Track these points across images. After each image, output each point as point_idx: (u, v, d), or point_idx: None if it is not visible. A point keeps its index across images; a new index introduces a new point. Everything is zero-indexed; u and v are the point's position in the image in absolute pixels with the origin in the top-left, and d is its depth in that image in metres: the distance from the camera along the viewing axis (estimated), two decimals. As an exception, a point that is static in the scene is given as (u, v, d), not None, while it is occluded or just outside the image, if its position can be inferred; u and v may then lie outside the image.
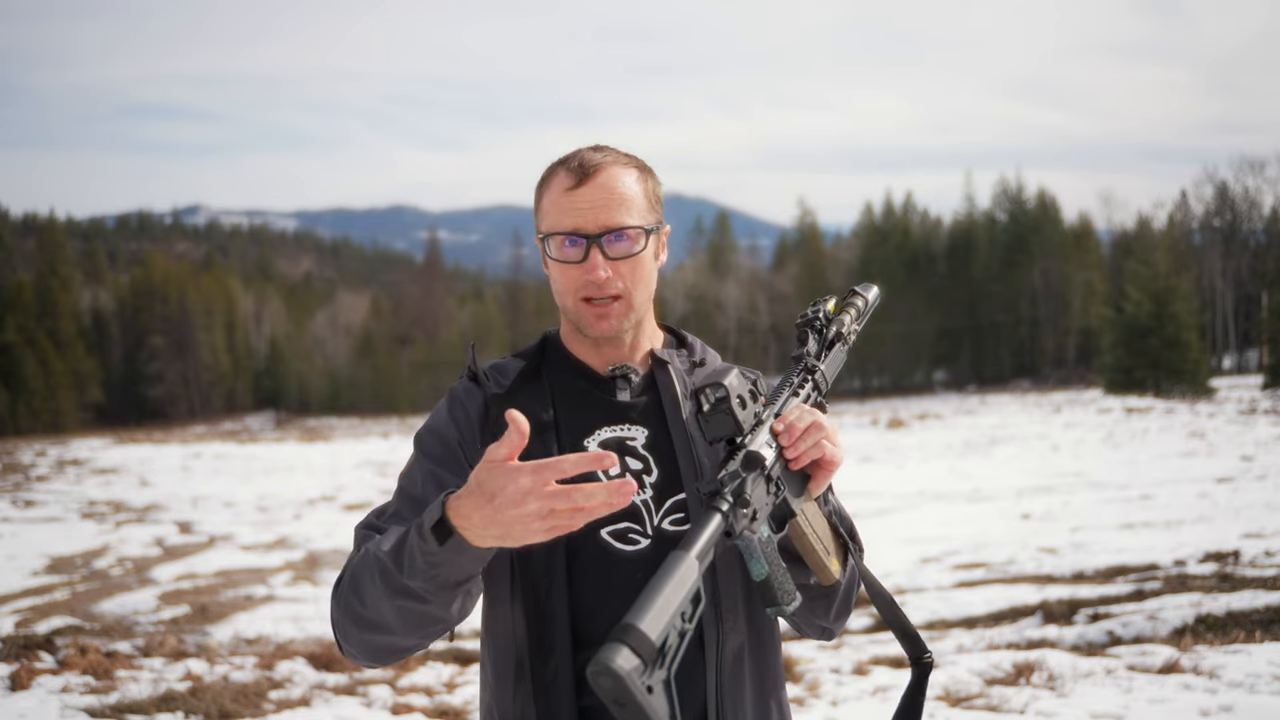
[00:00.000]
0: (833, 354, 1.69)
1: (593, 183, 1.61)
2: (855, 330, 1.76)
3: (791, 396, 1.56)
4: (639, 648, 1.11)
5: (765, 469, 1.41)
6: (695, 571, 1.23)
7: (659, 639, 1.14)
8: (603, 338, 1.64)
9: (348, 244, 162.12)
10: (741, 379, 1.48)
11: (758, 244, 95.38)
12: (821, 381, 1.64)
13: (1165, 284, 45.11)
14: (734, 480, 1.38)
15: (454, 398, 1.68)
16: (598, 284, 1.59)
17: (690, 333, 1.81)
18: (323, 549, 15.40)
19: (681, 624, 1.18)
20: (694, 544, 1.27)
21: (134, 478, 28.82)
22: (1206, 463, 19.11)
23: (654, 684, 1.12)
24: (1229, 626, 6.70)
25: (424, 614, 1.44)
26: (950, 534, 12.96)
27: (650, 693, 1.11)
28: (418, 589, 1.41)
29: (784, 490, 1.46)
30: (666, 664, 1.15)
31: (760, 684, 1.65)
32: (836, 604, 1.66)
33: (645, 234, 1.62)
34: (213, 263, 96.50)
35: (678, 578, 1.20)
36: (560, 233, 1.59)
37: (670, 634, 1.16)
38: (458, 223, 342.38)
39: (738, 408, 1.43)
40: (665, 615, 1.16)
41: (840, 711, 5.31)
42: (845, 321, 1.73)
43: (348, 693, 6.10)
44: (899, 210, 71.93)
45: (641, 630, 1.12)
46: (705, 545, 1.28)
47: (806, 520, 1.51)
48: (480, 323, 77.86)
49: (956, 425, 33.24)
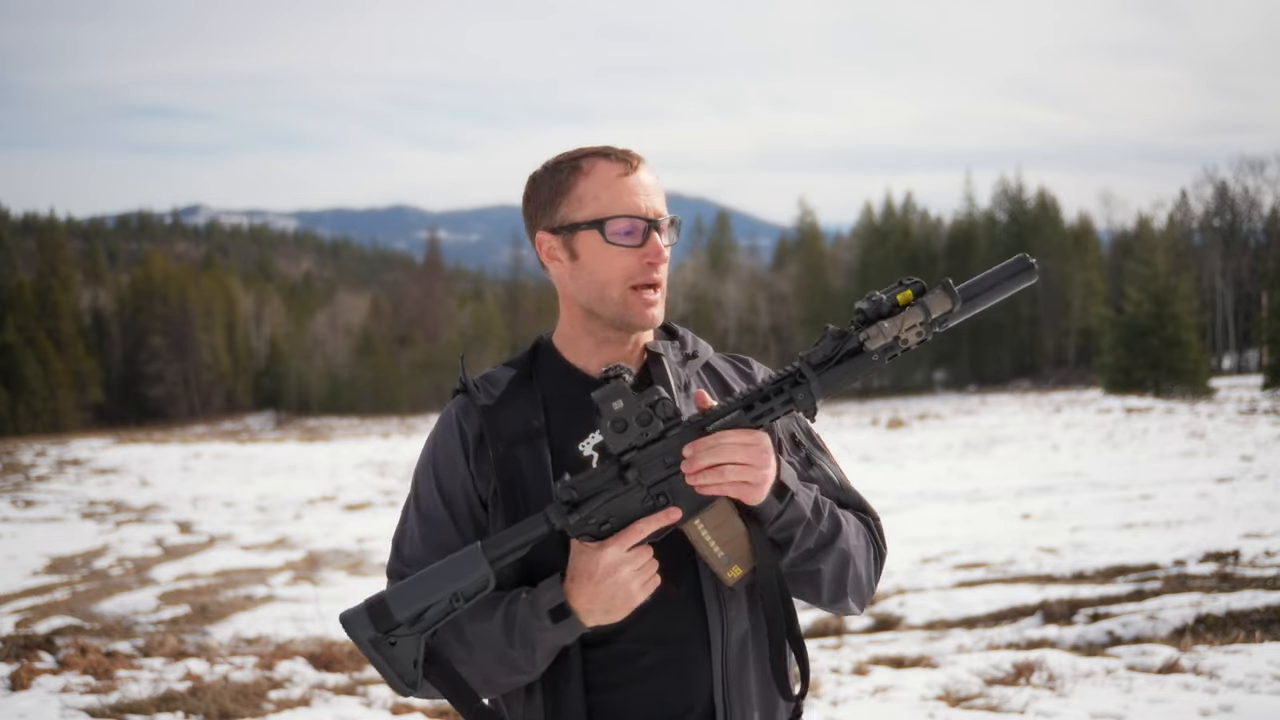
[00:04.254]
0: (845, 366, 1.53)
1: (642, 171, 1.63)
2: (907, 341, 1.53)
3: (743, 412, 1.53)
4: (373, 609, 1.49)
5: (624, 481, 1.52)
6: (475, 561, 1.49)
7: (404, 612, 1.48)
8: (646, 328, 1.65)
9: (348, 244, 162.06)
10: (630, 400, 1.51)
11: (757, 244, 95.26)
12: (804, 400, 1.53)
13: (1165, 284, 45.03)
14: (585, 486, 1.52)
15: (449, 422, 1.69)
16: (657, 268, 1.61)
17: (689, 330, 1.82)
18: (323, 549, 15.40)
19: (450, 603, 1.48)
20: (494, 541, 1.51)
21: (134, 478, 28.81)
22: (1206, 463, 19.10)
23: (397, 638, 1.48)
24: (1229, 626, 6.69)
25: (518, 680, 1.58)
26: (950, 534, 12.96)
27: (393, 646, 1.48)
28: (521, 662, 1.55)
29: (670, 501, 1.54)
30: (420, 628, 1.48)
31: (766, 672, 1.66)
32: (825, 589, 1.66)
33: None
34: (213, 263, 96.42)
35: (449, 564, 1.50)
36: (620, 215, 1.59)
37: (431, 608, 1.48)
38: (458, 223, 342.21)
39: (612, 430, 1.51)
40: (418, 594, 1.49)
41: (840, 711, 5.31)
42: (890, 329, 1.52)
43: (348, 693, 6.10)
44: (899, 210, 71.85)
45: (386, 602, 1.49)
46: (503, 541, 1.51)
47: (697, 531, 1.55)
48: (480, 323, 77.81)
49: (956, 425, 33.23)
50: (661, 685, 1.60)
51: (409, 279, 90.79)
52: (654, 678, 1.60)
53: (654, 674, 1.60)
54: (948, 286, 1.52)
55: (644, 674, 1.60)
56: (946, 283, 1.52)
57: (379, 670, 1.52)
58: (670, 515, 1.52)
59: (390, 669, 1.50)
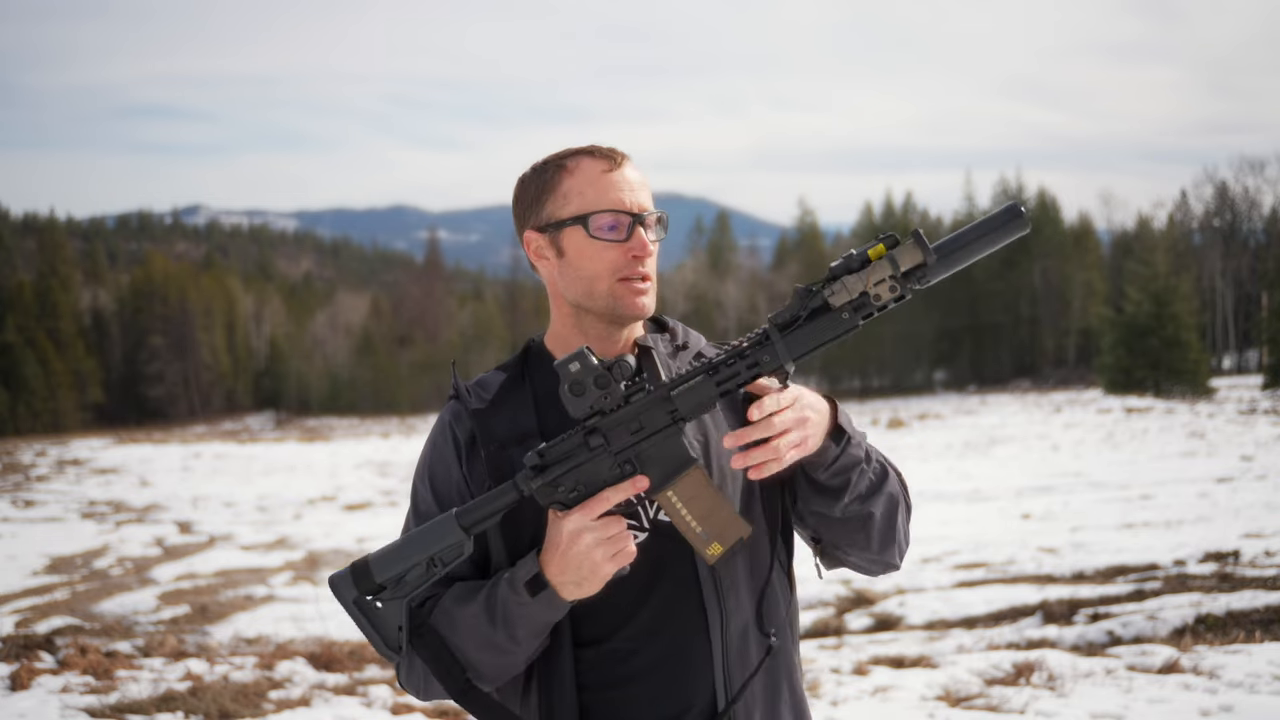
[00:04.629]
0: (814, 325, 1.48)
1: (626, 167, 1.64)
2: (880, 298, 1.45)
3: (707, 376, 1.49)
4: (356, 571, 1.53)
5: (588, 447, 1.51)
6: (448, 526, 1.51)
7: (385, 574, 1.51)
8: (638, 318, 1.64)
9: (348, 244, 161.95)
10: (587, 362, 1.49)
11: (757, 244, 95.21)
12: (770, 362, 1.48)
13: (1165, 284, 45.01)
14: (552, 452, 1.52)
15: (443, 428, 1.69)
16: (642, 260, 1.61)
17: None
18: (323, 549, 15.40)
19: (428, 568, 1.51)
20: (468, 508, 1.53)
21: (134, 478, 28.82)
22: (1206, 463, 19.09)
23: (383, 601, 1.52)
24: (1229, 626, 6.69)
25: (508, 664, 1.56)
26: (950, 534, 12.95)
27: (379, 609, 1.52)
28: (502, 642, 1.53)
29: (638, 469, 1.52)
30: (402, 591, 1.51)
31: (773, 660, 1.65)
32: (875, 534, 1.65)
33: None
34: (213, 263, 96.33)
35: (425, 530, 1.53)
36: (604, 210, 1.60)
37: (410, 571, 1.51)
38: (458, 223, 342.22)
39: (570, 394, 1.49)
40: (398, 557, 1.51)
41: (840, 711, 5.31)
42: (856, 284, 1.45)
43: (348, 693, 6.10)
44: (899, 210, 71.85)
45: (369, 565, 1.53)
46: (476, 508, 1.52)
47: (672, 503, 1.53)
48: (480, 323, 77.77)
49: (956, 425, 33.22)
50: (661, 682, 1.59)
51: (409, 279, 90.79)
52: (652, 674, 1.59)
53: (652, 671, 1.59)
54: (918, 237, 1.43)
55: (641, 671, 1.59)
56: (917, 233, 1.43)
57: (364, 633, 1.54)
58: (637, 484, 1.50)
59: (375, 633, 1.53)
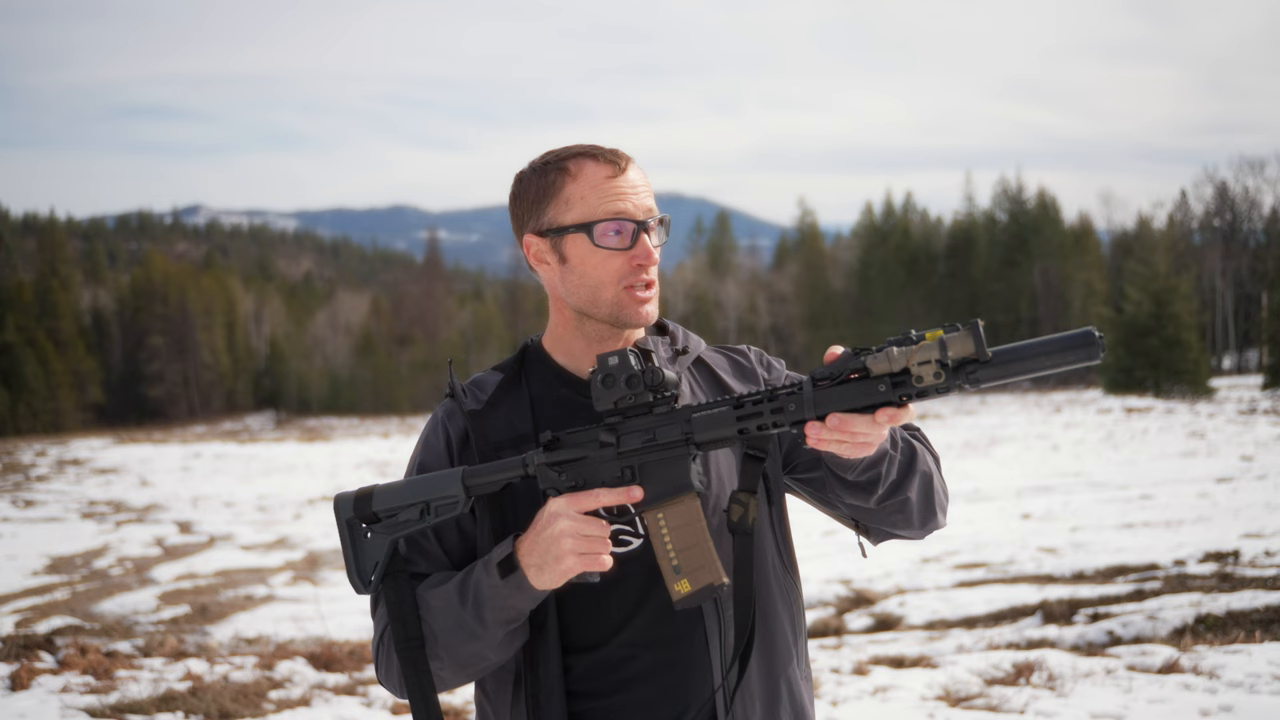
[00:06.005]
0: (846, 388, 1.42)
1: (630, 170, 1.60)
2: (922, 379, 1.37)
3: (730, 409, 1.46)
4: (360, 497, 1.57)
5: (600, 445, 1.51)
6: (451, 479, 1.53)
7: (382, 506, 1.55)
8: (642, 326, 1.62)
9: (348, 244, 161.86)
10: (627, 361, 1.48)
11: (757, 244, 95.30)
12: (794, 412, 1.43)
13: (1165, 284, 45.01)
14: (567, 437, 1.52)
15: (435, 424, 1.68)
16: (647, 268, 1.58)
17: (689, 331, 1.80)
18: (323, 549, 15.40)
19: (420, 515, 1.53)
20: (475, 469, 1.54)
21: (134, 478, 28.82)
22: (1206, 463, 19.10)
23: (374, 532, 1.56)
24: (1229, 626, 6.69)
25: (473, 652, 1.52)
26: (950, 534, 12.94)
27: (367, 537, 1.56)
28: (470, 622, 1.50)
29: (636, 478, 1.49)
30: (391, 526, 1.55)
31: (770, 661, 1.63)
32: (915, 515, 1.62)
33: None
34: (213, 263, 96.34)
35: (431, 478, 1.55)
36: (608, 219, 1.56)
37: (404, 511, 1.54)
38: (458, 223, 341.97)
39: (601, 385, 1.49)
40: (398, 496, 1.55)
41: (840, 711, 5.30)
42: (899, 358, 1.38)
43: (348, 693, 6.10)
44: (899, 210, 71.83)
45: (372, 495, 1.56)
46: (483, 471, 1.53)
47: (658, 524, 1.49)
48: (480, 323, 77.77)
49: (956, 425, 33.21)
50: (655, 691, 1.57)
51: (409, 279, 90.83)
52: (646, 683, 1.57)
53: (646, 679, 1.57)
54: (975, 328, 1.37)
55: (634, 680, 1.57)
56: (975, 323, 1.37)
57: (344, 557, 1.58)
58: (631, 494, 1.47)
59: (354, 560, 1.56)
